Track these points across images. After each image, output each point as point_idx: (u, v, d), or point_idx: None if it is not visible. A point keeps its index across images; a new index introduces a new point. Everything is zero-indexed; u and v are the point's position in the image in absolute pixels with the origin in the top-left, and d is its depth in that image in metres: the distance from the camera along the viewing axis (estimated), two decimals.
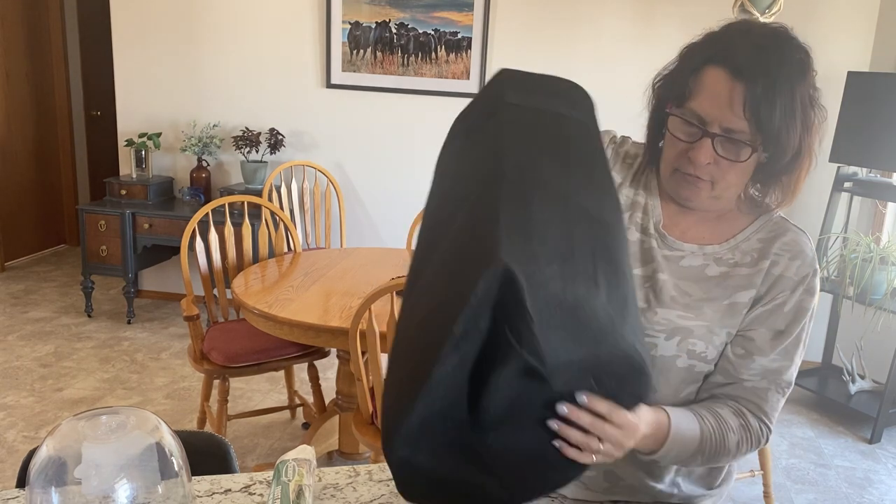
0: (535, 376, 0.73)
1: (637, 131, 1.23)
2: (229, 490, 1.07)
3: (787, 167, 1.04)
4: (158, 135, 4.10)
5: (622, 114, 1.95)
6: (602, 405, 0.81)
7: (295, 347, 2.63)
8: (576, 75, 1.16)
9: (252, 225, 2.94)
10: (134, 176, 4.13)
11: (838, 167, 3.53)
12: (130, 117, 4.25)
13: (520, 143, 0.87)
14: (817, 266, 1.09)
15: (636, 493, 1.14)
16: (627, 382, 0.80)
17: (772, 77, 0.96)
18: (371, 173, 4.14)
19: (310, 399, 3.12)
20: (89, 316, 4.14)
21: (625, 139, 1.21)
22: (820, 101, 1.02)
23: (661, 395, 1.06)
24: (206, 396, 2.74)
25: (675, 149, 1.05)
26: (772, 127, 0.97)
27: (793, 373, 1.07)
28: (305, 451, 1.05)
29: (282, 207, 3.75)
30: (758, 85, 0.96)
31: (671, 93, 1.05)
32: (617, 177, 1.16)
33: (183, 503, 0.86)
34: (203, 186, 4.11)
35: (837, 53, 3.68)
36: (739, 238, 1.11)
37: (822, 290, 3.34)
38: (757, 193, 1.10)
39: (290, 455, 1.03)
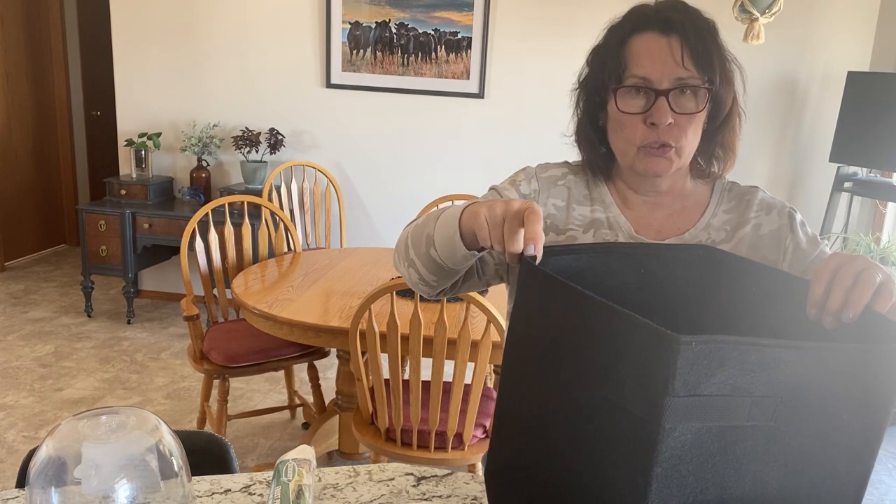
0: None
1: None
2: (229, 490, 1.07)
3: (724, 122, 1.07)
4: (158, 135, 4.10)
5: None
6: None
7: (295, 347, 2.63)
8: (573, 73, 1.16)
9: (252, 225, 2.94)
10: (134, 176, 4.13)
11: (838, 167, 3.53)
12: (130, 117, 4.25)
13: None
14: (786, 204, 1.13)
15: None
16: None
17: (697, 27, 1.01)
18: (371, 173, 4.14)
19: (310, 399, 3.11)
20: (89, 316, 4.14)
21: (544, 166, 1.19)
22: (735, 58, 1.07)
23: None
24: (206, 396, 2.74)
25: (633, 127, 1.03)
26: (713, 71, 1.00)
27: None
28: (305, 451, 1.05)
29: (282, 207, 3.75)
30: (689, 34, 0.99)
31: (606, 76, 1.04)
32: (559, 201, 1.15)
33: (183, 503, 0.86)
34: (203, 186, 4.11)
35: (837, 53, 3.68)
36: (707, 215, 1.12)
37: None
38: (700, 163, 1.13)
39: (290, 455, 1.03)
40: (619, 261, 0.92)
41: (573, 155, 1.23)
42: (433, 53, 3.90)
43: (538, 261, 0.80)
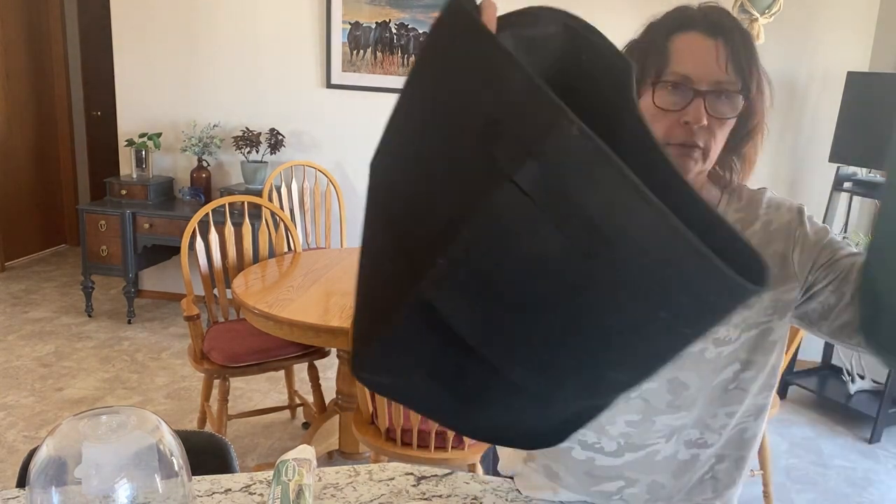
0: None
1: None
2: (229, 490, 1.08)
3: (749, 135, 1.07)
4: (158, 135, 4.10)
5: None
6: None
7: (295, 347, 2.63)
8: None
9: (252, 225, 2.94)
10: (134, 176, 4.13)
11: (838, 167, 3.53)
12: (130, 117, 4.25)
13: None
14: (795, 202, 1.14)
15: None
16: None
17: (742, 35, 1.01)
18: None
19: (310, 399, 3.12)
20: (89, 316, 4.14)
21: None
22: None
23: (695, 388, 1.06)
24: (207, 396, 2.74)
25: (665, 124, 1.03)
26: (751, 80, 1.01)
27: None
28: (305, 451, 1.05)
29: (282, 207, 3.75)
30: (734, 40, 1.00)
31: (646, 71, 1.03)
32: None
33: (183, 503, 0.86)
34: (203, 186, 4.11)
35: (837, 53, 3.68)
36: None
37: None
38: (718, 170, 1.13)
39: (290, 455, 1.03)
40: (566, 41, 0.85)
41: None
42: None
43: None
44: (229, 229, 2.81)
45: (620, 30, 1.12)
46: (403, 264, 0.68)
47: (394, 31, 3.90)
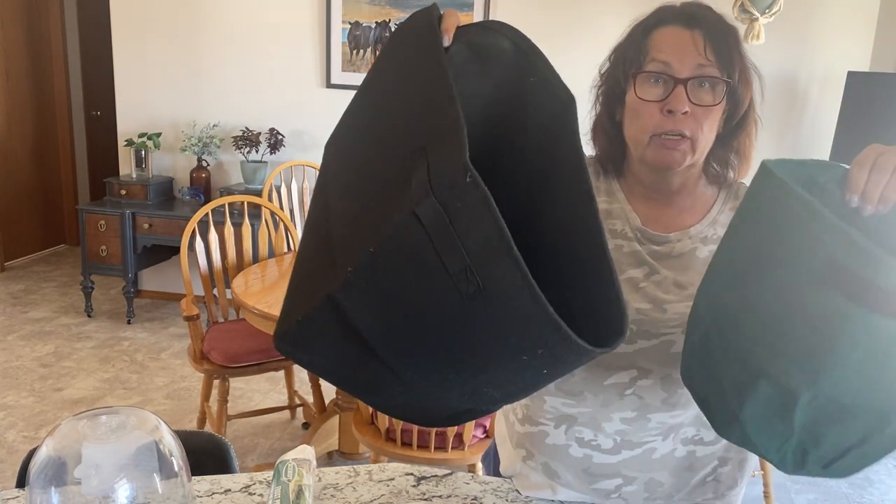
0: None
1: None
2: (229, 490, 1.08)
3: (740, 125, 1.07)
4: (158, 135, 4.10)
5: None
6: None
7: None
8: (575, 75, 1.16)
9: (252, 225, 2.94)
10: (134, 176, 4.13)
11: None
12: (130, 117, 4.25)
13: None
14: None
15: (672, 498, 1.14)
16: None
17: (721, 26, 1.02)
18: None
19: (310, 399, 3.12)
20: (89, 316, 4.14)
21: None
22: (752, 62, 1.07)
23: None
24: (206, 396, 2.74)
25: (649, 115, 1.03)
26: (732, 67, 1.01)
27: None
28: (305, 451, 1.05)
29: (282, 207, 3.75)
30: (713, 29, 1.01)
31: (627, 65, 1.05)
32: None
33: (183, 503, 0.86)
34: (203, 186, 4.11)
35: (837, 53, 3.68)
36: (714, 211, 1.13)
37: None
38: (715, 168, 1.12)
39: (290, 455, 1.03)
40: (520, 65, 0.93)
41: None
42: None
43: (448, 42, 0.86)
44: (229, 229, 2.81)
45: (620, 31, 1.12)
46: (328, 259, 0.75)
47: (394, 30, 3.90)
